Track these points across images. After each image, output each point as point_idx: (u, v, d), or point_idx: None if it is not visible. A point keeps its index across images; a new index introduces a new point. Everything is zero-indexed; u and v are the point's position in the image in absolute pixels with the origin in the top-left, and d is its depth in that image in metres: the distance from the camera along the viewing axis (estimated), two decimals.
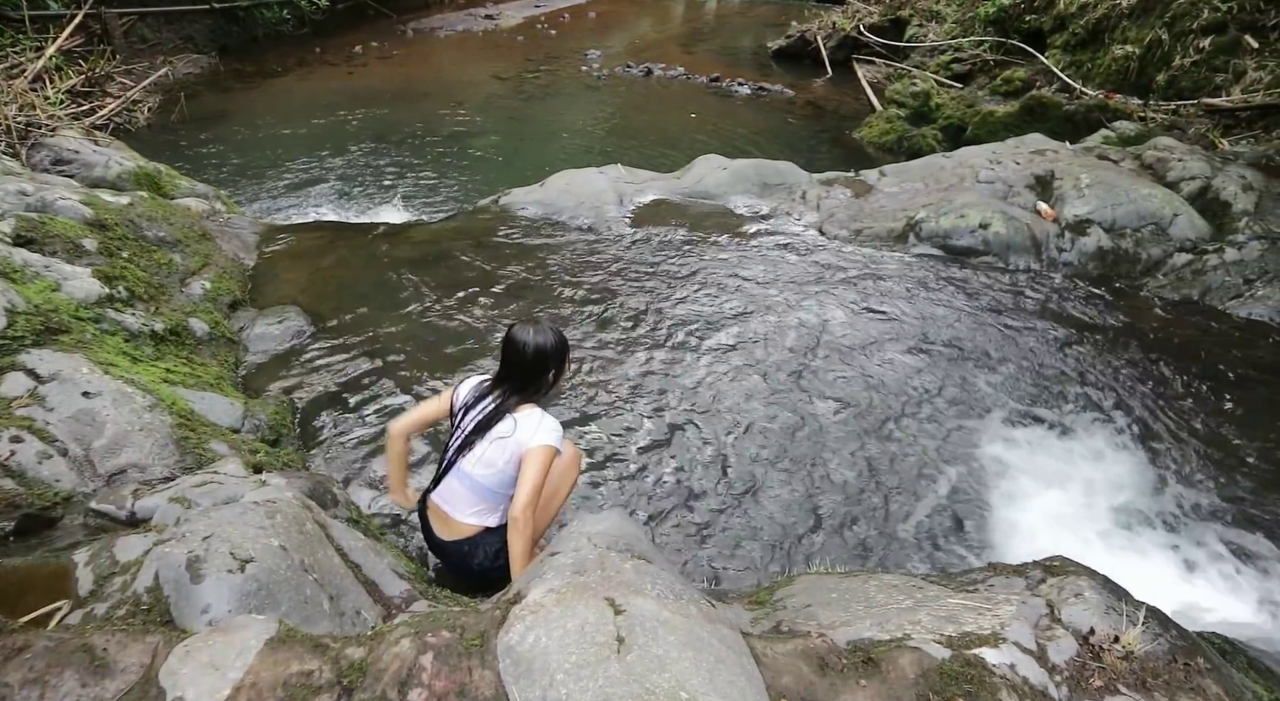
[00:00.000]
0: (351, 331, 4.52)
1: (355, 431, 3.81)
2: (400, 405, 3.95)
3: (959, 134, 10.01)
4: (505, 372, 2.60)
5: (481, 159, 10.51)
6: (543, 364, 2.57)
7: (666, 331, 4.50)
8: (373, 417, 3.89)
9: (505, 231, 5.65)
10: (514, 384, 2.58)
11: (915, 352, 4.40)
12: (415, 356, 4.31)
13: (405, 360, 4.28)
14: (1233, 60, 9.71)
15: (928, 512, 3.32)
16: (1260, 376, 4.44)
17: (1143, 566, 3.07)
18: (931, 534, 3.21)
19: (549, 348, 2.57)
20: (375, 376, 4.16)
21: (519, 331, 2.57)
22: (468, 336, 4.44)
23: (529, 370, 2.56)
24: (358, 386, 4.09)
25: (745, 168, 6.35)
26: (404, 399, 4.00)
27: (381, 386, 4.10)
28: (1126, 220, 5.43)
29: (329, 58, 15.17)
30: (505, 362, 2.60)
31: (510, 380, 2.58)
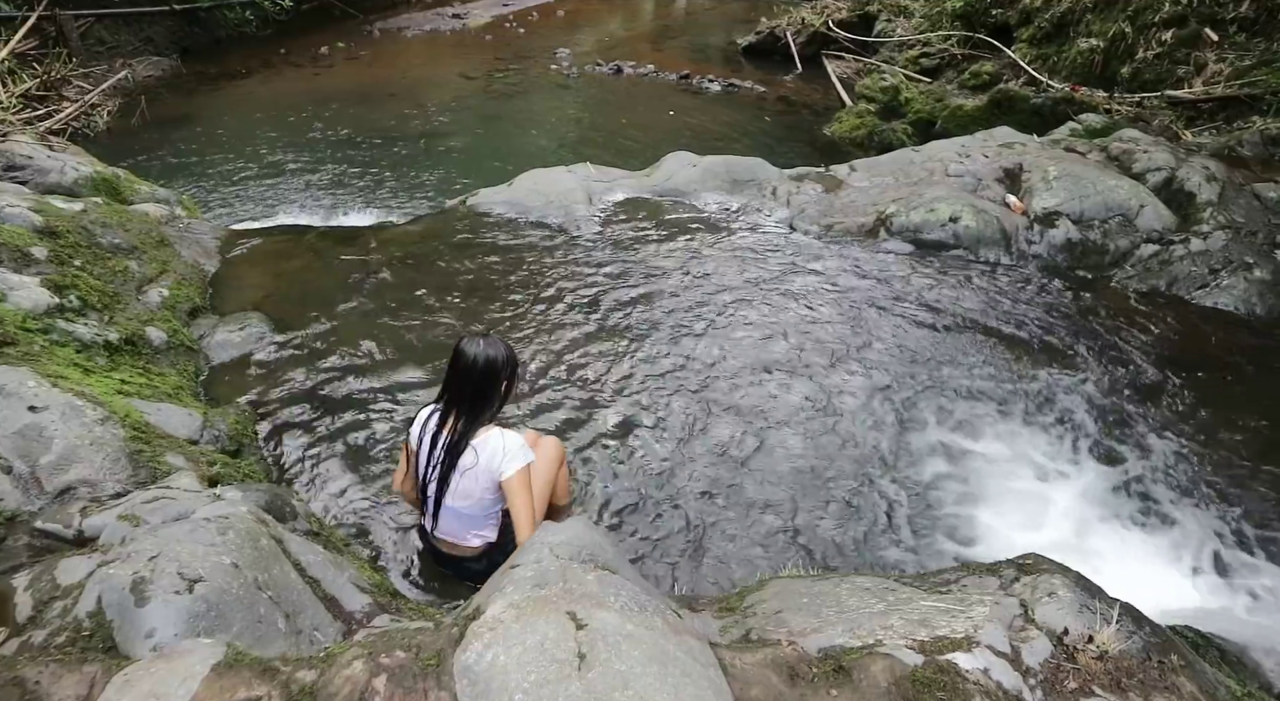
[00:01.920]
0: (316, 337, 4.42)
1: (320, 439, 3.72)
2: (366, 411, 3.86)
3: (929, 128, 10.04)
4: (456, 390, 2.55)
5: (451, 159, 10.39)
6: (494, 377, 2.54)
7: (633, 330, 4.44)
8: (337, 425, 3.80)
9: (473, 232, 5.56)
10: (464, 405, 2.53)
11: (886, 348, 4.38)
12: (381, 361, 4.22)
13: (370, 365, 4.19)
14: (1194, 53, 9.82)
15: (901, 510, 3.29)
16: (1228, 366, 4.47)
17: (1117, 559, 3.06)
18: (905, 532, 3.19)
19: (499, 360, 2.53)
20: (340, 383, 4.07)
21: (467, 345, 2.53)
22: (435, 340, 4.36)
23: (479, 384, 2.52)
24: (322, 393, 3.99)
25: (715, 164, 6.31)
26: (370, 405, 3.91)
27: (346, 392, 4.01)
28: (1094, 212, 5.46)
29: (294, 59, 14.93)
30: (455, 378, 2.55)
31: (461, 401, 2.53)
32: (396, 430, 3.76)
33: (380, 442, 3.70)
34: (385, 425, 3.79)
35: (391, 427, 3.77)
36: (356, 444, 3.70)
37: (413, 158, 10.38)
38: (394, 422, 3.80)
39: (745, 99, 12.48)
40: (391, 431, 3.76)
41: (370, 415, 3.86)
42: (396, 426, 3.78)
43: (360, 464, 3.59)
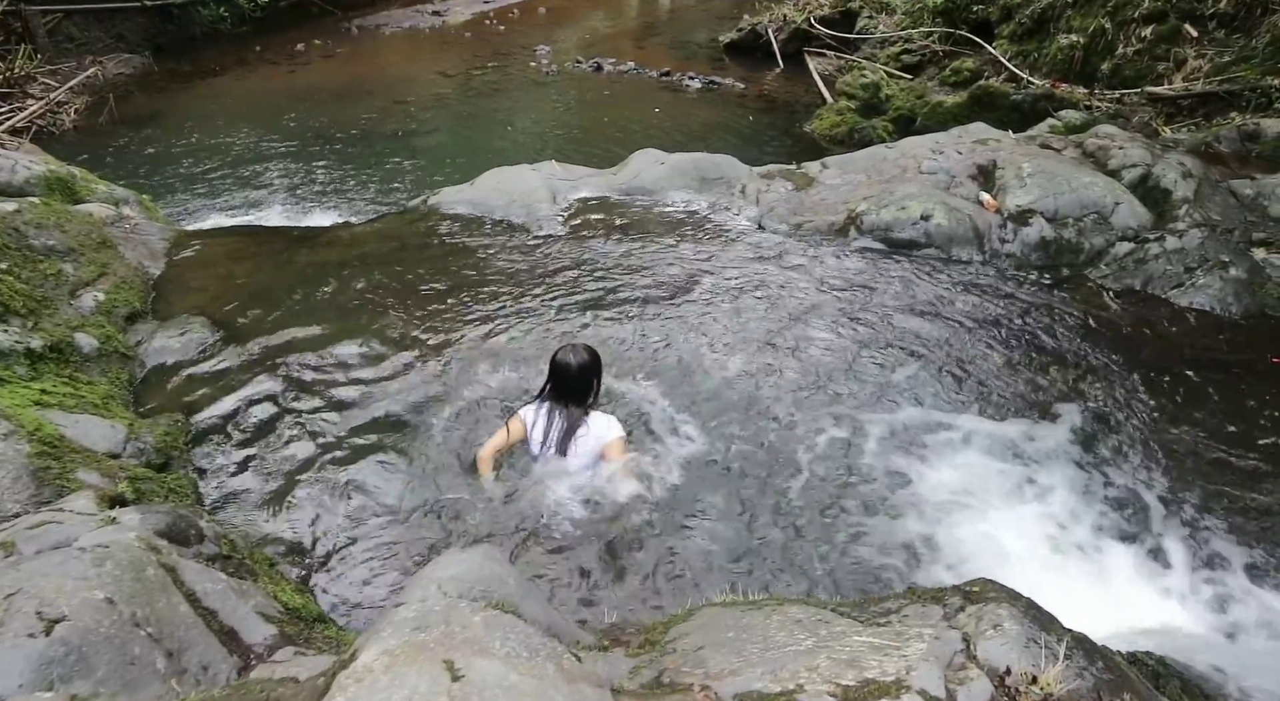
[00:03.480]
0: (262, 342, 4.23)
1: (258, 450, 3.55)
2: (310, 420, 3.69)
3: (909, 125, 9.91)
4: (559, 391, 3.23)
5: (426, 157, 10.21)
6: (588, 378, 3.22)
7: (589, 332, 4.28)
8: (278, 434, 3.63)
9: (432, 233, 5.39)
10: (572, 400, 3.22)
11: (851, 352, 4.23)
12: (329, 367, 4.04)
13: (317, 371, 4.02)
14: (1173, 49, 9.75)
15: (855, 524, 3.14)
16: (1204, 367, 4.34)
17: (1082, 574, 2.93)
18: (857, 548, 3.04)
19: (589, 365, 3.21)
20: (283, 390, 3.89)
21: (563, 356, 3.20)
22: (386, 344, 4.19)
23: (578, 385, 3.20)
24: (263, 401, 3.81)
25: (683, 162, 6.15)
26: (315, 412, 3.73)
27: (290, 400, 3.83)
28: (1069, 209, 5.32)
29: (270, 56, 14.72)
30: (557, 383, 3.22)
31: (569, 397, 3.21)
32: (342, 439, 3.59)
33: (325, 452, 3.52)
34: (332, 433, 3.61)
35: (338, 436, 3.60)
36: (299, 454, 3.53)
37: (388, 156, 10.19)
38: (341, 430, 3.63)
39: (726, 96, 12.33)
40: (338, 440, 3.58)
41: (315, 423, 3.69)
42: (343, 434, 3.61)
43: (301, 474, 3.42)
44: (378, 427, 3.64)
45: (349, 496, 3.30)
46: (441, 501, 3.25)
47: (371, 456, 3.48)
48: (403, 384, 3.87)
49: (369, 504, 3.27)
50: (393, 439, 3.57)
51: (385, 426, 3.64)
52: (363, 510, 3.24)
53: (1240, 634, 2.62)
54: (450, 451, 3.49)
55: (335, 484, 3.36)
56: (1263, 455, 3.66)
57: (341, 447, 3.54)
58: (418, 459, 3.46)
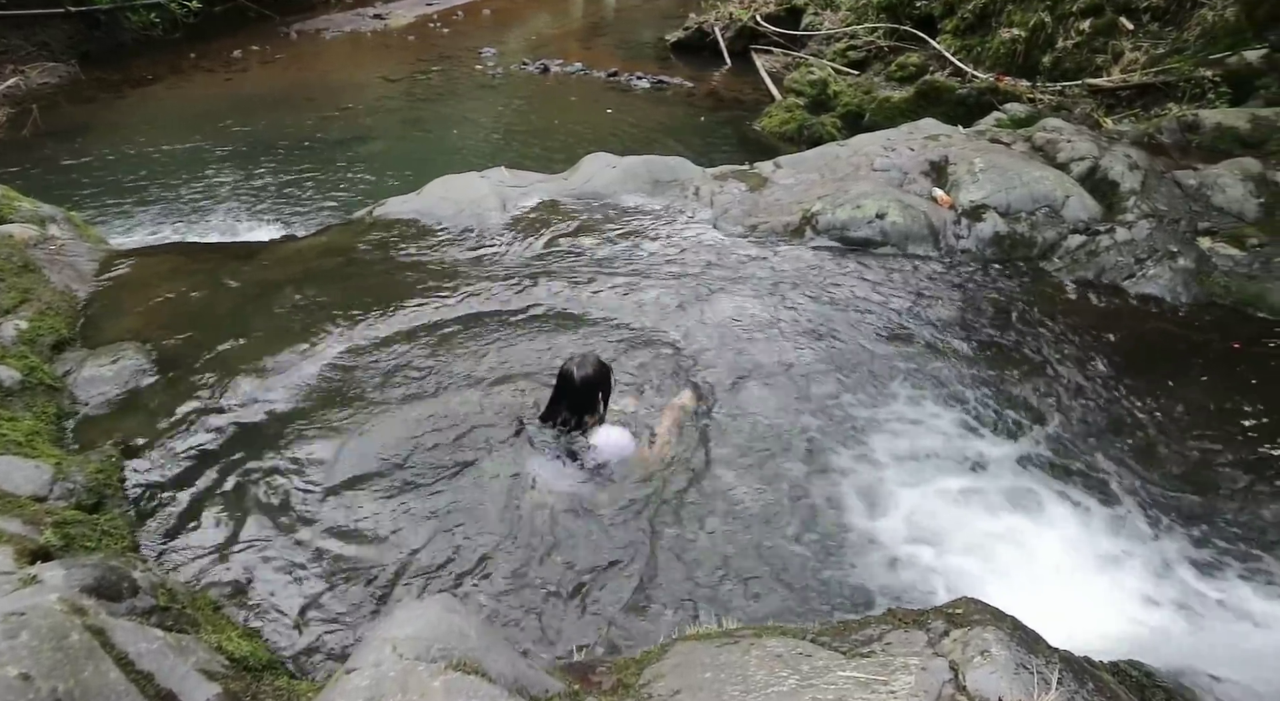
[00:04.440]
0: (201, 368, 4.02)
1: (199, 484, 3.35)
2: (253, 449, 3.50)
3: (858, 121, 9.96)
4: (565, 403, 3.24)
5: (371, 165, 9.93)
6: (592, 392, 3.20)
7: (540, 342, 4.15)
8: (219, 468, 3.43)
9: (380, 245, 5.20)
10: (575, 411, 3.22)
11: (808, 355, 4.16)
12: (274, 393, 3.84)
13: (262, 398, 3.82)
14: (1110, 42, 9.98)
15: (823, 537, 3.07)
16: (1159, 357, 4.39)
17: (1055, 575, 2.90)
18: (827, 563, 2.96)
19: (592, 378, 3.18)
20: (226, 419, 3.69)
21: (568, 367, 3.19)
22: (333, 364, 4.00)
23: (583, 398, 3.20)
24: (204, 432, 3.61)
25: (635, 165, 6.04)
26: (258, 442, 3.54)
27: (232, 430, 3.63)
28: (1021, 204, 5.35)
29: (205, 63, 14.21)
30: (562, 394, 3.23)
31: (570, 408, 3.22)
32: (291, 469, 3.40)
33: (273, 484, 3.34)
34: (280, 464, 3.43)
35: (287, 466, 3.42)
36: (244, 486, 3.34)
37: (331, 165, 9.89)
38: (285, 461, 3.45)
39: (674, 96, 12.26)
40: (286, 470, 3.40)
41: (259, 453, 3.50)
42: (287, 465, 3.43)
43: (248, 508, 3.23)
44: (330, 455, 3.47)
45: (300, 529, 3.14)
46: (400, 530, 3.10)
47: (322, 486, 3.32)
48: (350, 410, 3.69)
49: (322, 536, 3.11)
50: (345, 466, 3.41)
51: (338, 453, 3.47)
52: (316, 543, 3.08)
53: (1219, 633, 2.61)
54: (407, 478, 3.34)
55: (285, 517, 3.19)
56: (1224, 443, 3.69)
57: (290, 478, 3.37)
58: (372, 488, 3.30)
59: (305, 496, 3.28)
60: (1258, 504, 3.38)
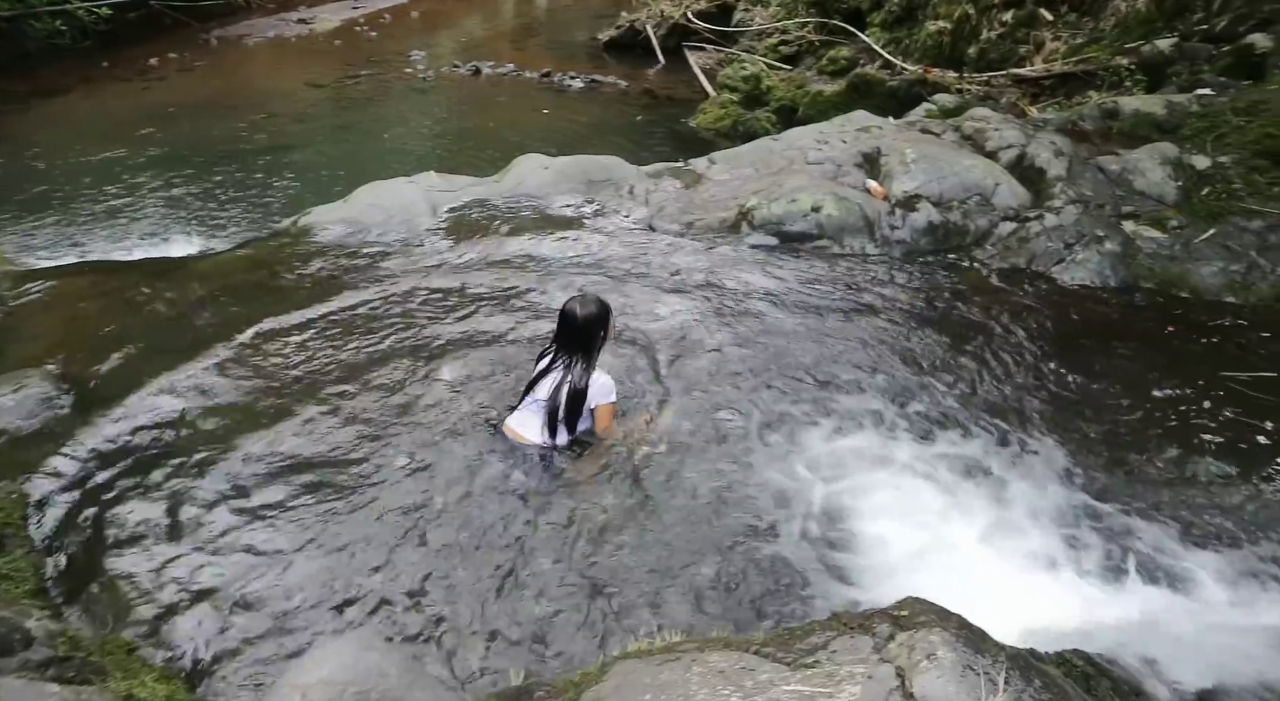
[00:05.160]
0: (116, 393, 3.78)
1: (113, 515, 3.14)
2: (171, 477, 3.30)
3: (792, 115, 10.01)
4: (569, 342, 3.29)
5: (299, 174, 9.62)
6: (593, 330, 3.28)
7: (471, 351, 4.02)
8: (135, 499, 3.22)
9: (304, 257, 5.00)
10: (579, 351, 3.28)
11: (744, 352, 4.11)
12: (194, 415, 3.64)
13: (181, 423, 3.62)
14: (1032, 32, 10.24)
15: (763, 542, 3.01)
16: (1092, 340, 4.47)
17: (996, 566, 2.90)
18: (768, 569, 2.90)
19: (594, 317, 3.27)
20: (141, 444, 3.48)
21: (570, 305, 3.27)
22: (260, 383, 3.81)
23: (583, 337, 3.27)
24: (118, 461, 3.40)
25: (569, 165, 5.94)
26: (180, 474, 3.34)
27: (149, 456, 3.43)
28: (953, 192, 5.41)
29: (119, 72, 13.62)
30: (563, 333, 3.30)
31: (575, 349, 3.27)
32: (214, 498, 3.21)
33: (194, 511, 3.14)
34: (202, 492, 3.23)
35: (209, 495, 3.22)
36: (159, 515, 3.14)
37: (256, 175, 9.55)
38: (212, 488, 3.25)
39: (608, 95, 12.18)
40: (208, 499, 3.20)
41: (177, 480, 3.30)
42: (208, 492, 3.24)
43: (163, 538, 3.04)
44: (253, 481, 3.30)
45: (225, 556, 2.96)
46: (331, 553, 2.96)
47: (246, 511, 3.15)
48: (275, 432, 3.52)
49: (248, 565, 2.94)
50: (269, 492, 3.24)
51: (261, 479, 3.30)
52: (242, 572, 2.91)
53: (1160, 617, 2.63)
54: (333, 498, 3.19)
55: (209, 545, 3.01)
56: (1153, 423, 3.76)
57: (212, 505, 3.18)
58: (297, 510, 3.14)
59: (229, 523, 3.10)
60: (1186, 483, 3.45)
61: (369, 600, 2.74)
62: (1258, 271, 4.82)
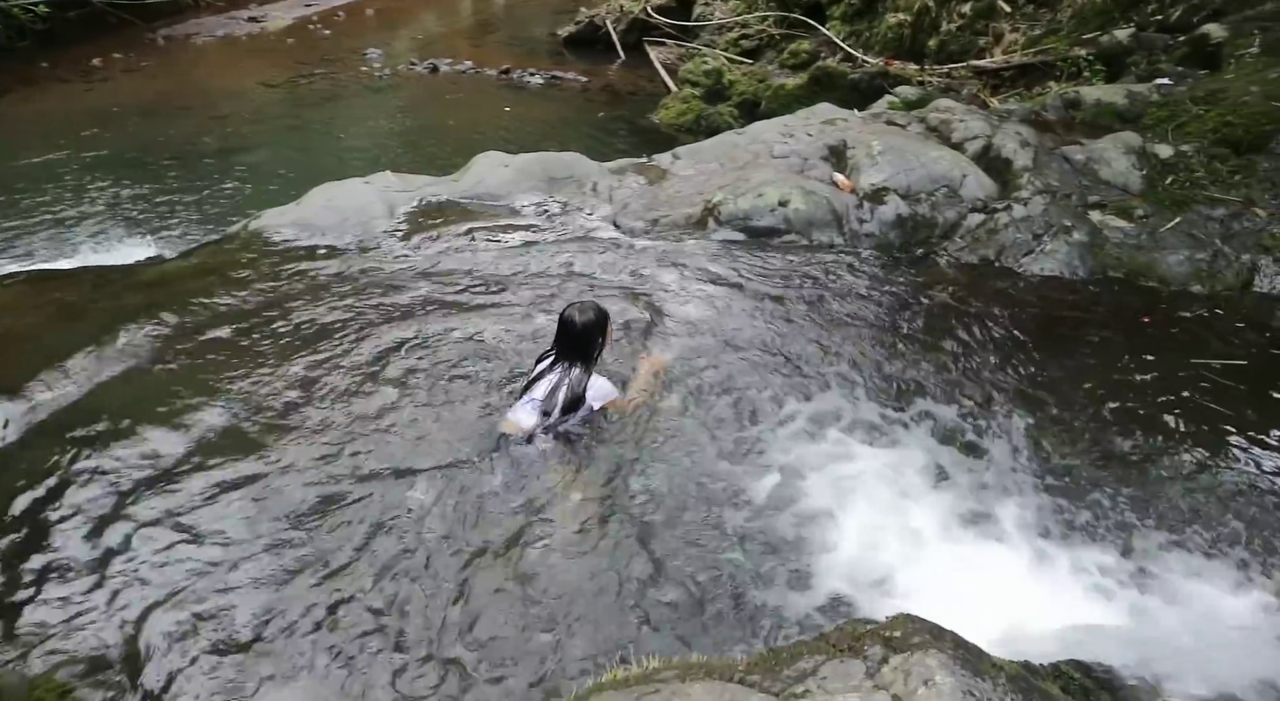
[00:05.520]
0: (50, 414, 3.56)
1: (50, 542, 2.93)
2: (117, 505, 3.09)
3: (754, 109, 9.96)
4: (563, 347, 3.32)
5: (252, 177, 9.32)
6: (591, 337, 3.31)
7: (426, 357, 3.86)
8: (73, 524, 3.01)
9: (256, 263, 4.77)
10: (577, 358, 3.30)
11: (712, 353, 3.98)
12: (135, 437, 3.42)
13: (122, 443, 3.40)
14: (991, 24, 10.32)
15: (735, 553, 2.90)
16: (1064, 331, 4.42)
17: (984, 574, 2.82)
18: (747, 582, 2.79)
19: (593, 324, 3.30)
20: (78, 464, 3.26)
21: (569, 313, 3.29)
22: (206, 397, 3.60)
23: (582, 343, 3.30)
24: (58, 485, 3.17)
25: (529, 163, 5.78)
26: (124, 499, 3.12)
27: (87, 476, 3.21)
28: (920, 185, 5.35)
29: (61, 73, 13.13)
30: (562, 339, 3.32)
31: (574, 356, 3.30)
32: (154, 522, 3.00)
33: (133, 541, 2.94)
34: (143, 516, 3.02)
35: (148, 519, 3.02)
36: (97, 546, 2.93)
37: (208, 177, 9.24)
38: (156, 511, 3.04)
39: (569, 91, 12.02)
40: (149, 525, 2.99)
41: (113, 509, 3.08)
42: (155, 517, 3.03)
43: (103, 572, 2.83)
44: (192, 501, 3.11)
45: (166, 587, 2.78)
46: (274, 577, 2.79)
47: (194, 539, 2.96)
48: (225, 452, 3.32)
49: (194, 587, 2.76)
50: (209, 512, 3.05)
51: (201, 499, 3.11)
52: (188, 598, 2.73)
53: (1155, 621, 2.57)
54: (291, 527, 3.01)
55: (153, 577, 2.81)
56: (1130, 415, 3.72)
57: (157, 533, 2.98)
58: (240, 531, 2.97)
59: (173, 552, 2.91)
60: (1166, 473, 3.41)
61: (320, 635, 2.59)
62: (1223, 259, 4.82)
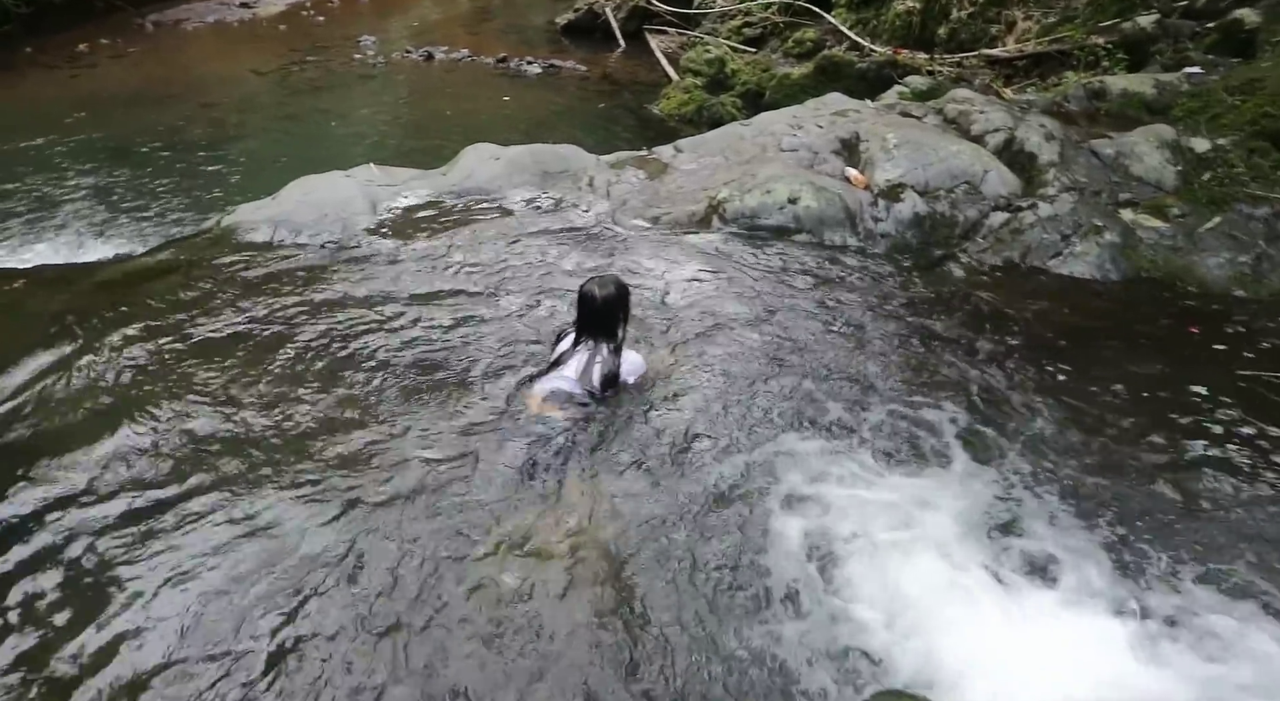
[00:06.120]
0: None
1: None
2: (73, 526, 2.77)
3: (758, 99, 9.64)
4: (584, 322, 3.23)
5: (240, 167, 9.00)
6: (613, 311, 3.22)
7: (407, 377, 3.51)
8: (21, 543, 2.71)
9: (226, 262, 4.43)
10: (594, 331, 3.22)
11: (720, 369, 3.65)
12: (86, 460, 3.09)
13: (68, 456, 3.07)
14: (1003, 11, 9.99)
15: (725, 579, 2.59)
16: (1096, 340, 4.09)
17: (1006, 617, 2.49)
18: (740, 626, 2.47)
19: (614, 298, 3.21)
20: (21, 479, 2.95)
21: (589, 287, 3.21)
22: (150, 431, 3.24)
23: (605, 318, 3.21)
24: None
25: (521, 156, 5.43)
26: (77, 518, 2.81)
27: (33, 496, 2.89)
28: (939, 180, 5.00)
29: (45, 59, 12.81)
30: (584, 315, 3.23)
31: (597, 332, 3.22)
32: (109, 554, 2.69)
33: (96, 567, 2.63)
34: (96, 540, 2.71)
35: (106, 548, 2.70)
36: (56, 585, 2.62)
37: (195, 167, 8.92)
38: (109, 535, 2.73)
39: (567, 80, 11.68)
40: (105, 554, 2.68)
41: (66, 529, 2.76)
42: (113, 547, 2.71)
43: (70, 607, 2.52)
44: (162, 523, 2.79)
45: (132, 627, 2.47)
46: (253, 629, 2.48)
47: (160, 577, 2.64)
48: (191, 478, 3.00)
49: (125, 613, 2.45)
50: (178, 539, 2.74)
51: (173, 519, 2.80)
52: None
53: (1191, 671, 2.25)
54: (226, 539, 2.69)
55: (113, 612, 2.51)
56: (1179, 433, 3.39)
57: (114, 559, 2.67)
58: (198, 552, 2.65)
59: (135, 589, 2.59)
60: (1211, 503, 3.08)
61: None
62: (1268, 262, 4.49)
